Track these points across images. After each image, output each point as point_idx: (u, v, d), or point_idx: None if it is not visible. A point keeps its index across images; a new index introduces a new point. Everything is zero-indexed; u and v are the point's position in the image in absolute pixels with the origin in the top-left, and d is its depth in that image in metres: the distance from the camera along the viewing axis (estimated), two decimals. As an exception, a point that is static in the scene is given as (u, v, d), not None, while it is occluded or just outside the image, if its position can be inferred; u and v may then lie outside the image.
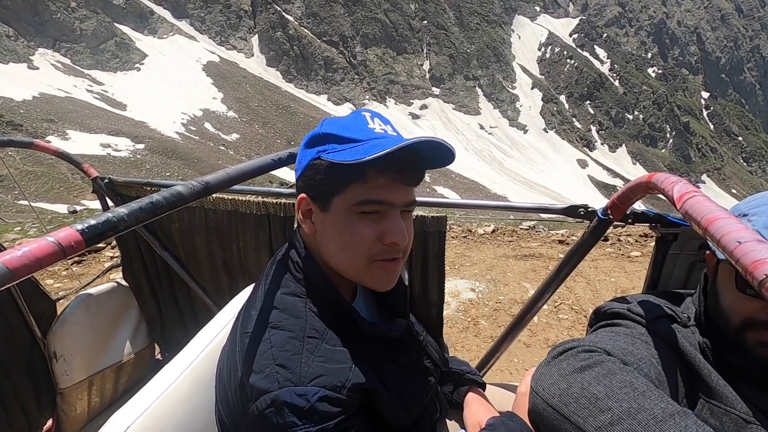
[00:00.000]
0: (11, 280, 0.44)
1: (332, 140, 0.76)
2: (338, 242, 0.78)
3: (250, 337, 0.77)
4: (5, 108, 38.72)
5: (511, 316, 3.98)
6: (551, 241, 5.23)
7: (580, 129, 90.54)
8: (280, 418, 0.69)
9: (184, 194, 0.63)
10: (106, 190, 1.47)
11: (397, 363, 0.89)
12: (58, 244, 0.47)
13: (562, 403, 0.63)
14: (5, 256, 0.44)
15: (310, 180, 0.78)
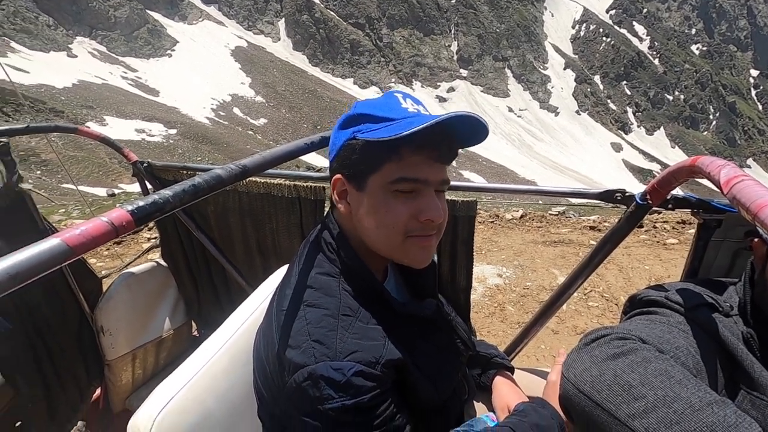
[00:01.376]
0: (71, 257, 0.47)
1: (367, 120, 0.77)
2: (374, 220, 0.79)
3: (286, 314, 0.80)
4: (48, 95, 40.58)
5: (539, 303, 3.94)
6: (582, 227, 5.09)
7: (615, 111, 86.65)
8: (317, 391, 0.71)
9: (223, 177, 0.65)
10: (146, 174, 1.54)
11: (427, 342, 0.90)
12: (111, 223, 0.50)
13: (594, 390, 0.63)
14: (65, 235, 0.47)
15: (345, 160, 0.79)
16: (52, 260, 0.45)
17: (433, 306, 0.96)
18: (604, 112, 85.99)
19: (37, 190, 1.29)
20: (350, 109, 0.82)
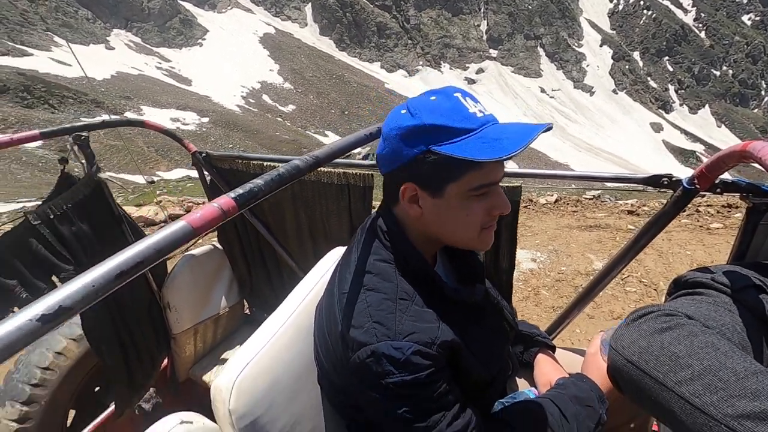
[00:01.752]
0: (194, 236, 0.56)
1: (441, 132, 0.79)
2: (455, 223, 0.85)
3: (348, 297, 0.88)
4: (88, 87, 42.45)
5: (574, 287, 3.92)
6: (619, 211, 4.97)
7: (655, 89, 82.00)
8: (379, 367, 0.80)
9: (301, 167, 0.73)
10: (204, 163, 1.66)
11: (477, 325, 0.97)
12: (220, 209, 0.59)
13: (642, 360, 0.67)
14: (190, 218, 0.56)
15: (418, 170, 0.82)
16: (183, 238, 0.54)
17: (482, 291, 1.03)
18: (643, 90, 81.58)
19: (114, 179, 1.42)
20: (408, 116, 0.82)
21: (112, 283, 0.46)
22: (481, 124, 0.81)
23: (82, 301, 0.43)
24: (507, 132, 0.79)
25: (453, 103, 0.82)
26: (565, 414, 0.96)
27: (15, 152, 25.48)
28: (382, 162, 0.89)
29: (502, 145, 0.75)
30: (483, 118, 0.82)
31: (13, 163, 24.05)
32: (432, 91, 0.86)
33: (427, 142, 0.80)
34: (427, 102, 0.82)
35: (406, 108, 0.84)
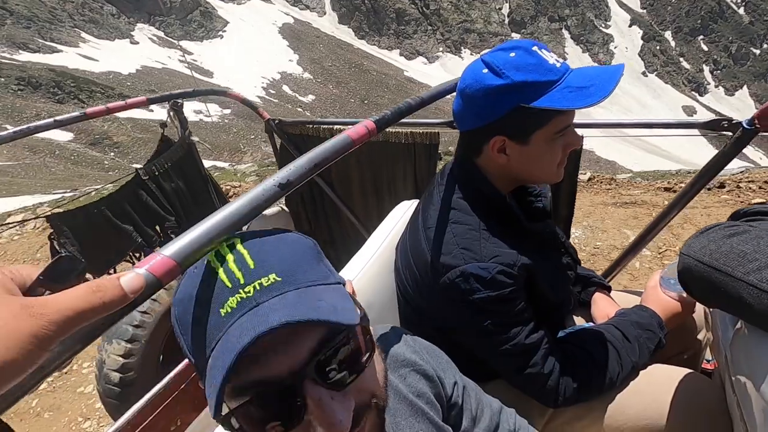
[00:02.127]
0: (352, 147, 0.70)
1: (530, 87, 0.86)
2: (539, 164, 0.97)
3: (435, 230, 1.01)
4: (116, 81, 43.69)
5: (611, 261, 3.94)
6: (656, 188, 4.93)
7: (688, 70, 78.51)
8: (467, 285, 0.93)
9: (412, 104, 0.86)
10: (277, 130, 1.81)
11: (546, 256, 1.09)
12: (349, 137, 0.73)
13: (713, 259, 0.78)
14: (349, 131, 0.70)
15: (507, 124, 0.91)
16: (345, 147, 0.68)
17: (552, 227, 1.15)
18: (675, 72, 78.23)
19: (203, 142, 1.59)
20: (495, 76, 0.86)
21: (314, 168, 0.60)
22: (562, 73, 0.91)
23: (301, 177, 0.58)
24: (589, 78, 0.90)
25: (536, 58, 0.88)
26: (627, 336, 1.08)
27: (49, 146, 26.61)
28: (465, 120, 0.97)
29: (590, 93, 0.85)
30: (562, 67, 0.93)
31: (47, 157, 25.12)
32: (508, 46, 0.91)
33: (518, 98, 0.87)
34: (510, 59, 0.87)
35: (487, 67, 0.90)
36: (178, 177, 1.56)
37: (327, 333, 0.45)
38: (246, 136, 35.69)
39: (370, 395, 0.49)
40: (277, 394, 0.43)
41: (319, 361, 0.43)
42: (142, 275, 0.39)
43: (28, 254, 4.88)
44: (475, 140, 0.98)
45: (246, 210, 0.49)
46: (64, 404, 2.84)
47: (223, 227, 0.46)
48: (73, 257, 0.38)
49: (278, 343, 0.43)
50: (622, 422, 1.05)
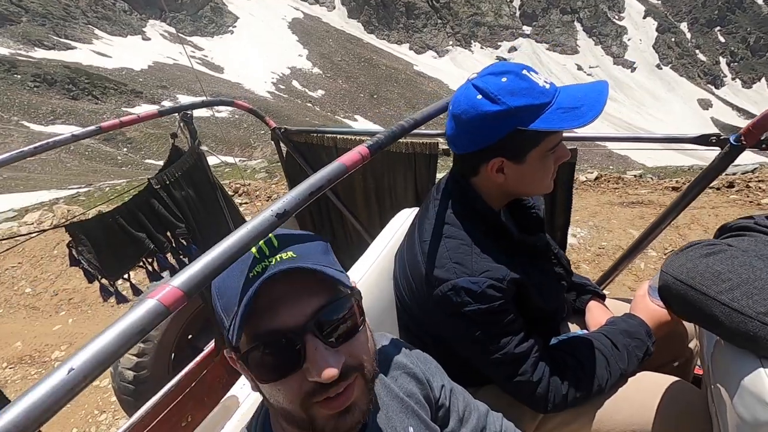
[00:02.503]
0: (344, 174, 0.75)
1: (526, 111, 0.90)
2: (533, 179, 1.01)
3: (429, 244, 1.06)
4: (129, 77, 44.23)
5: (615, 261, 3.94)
6: (664, 188, 4.90)
7: (704, 62, 76.68)
8: (459, 298, 0.98)
9: (396, 133, 0.90)
10: (282, 138, 1.87)
11: (538, 268, 1.13)
12: (360, 154, 0.78)
13: (689, 278, 0.81)
14: (343, 159, 0.75)
15: (505, 147, 0.95)
16: (339, 174, 0.73)
17: (544, 239, 1.19)
18: (690, 64, 76.49)
19: (211, 152, 1.65)
20: (491, 102, 0.89)
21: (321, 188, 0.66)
22: (553, 95, 0.95)
23: (297, 205, 0.64)
24: (578, 98, 0.93)
25: (527, 81, 0.92)
26: (616, 344, 1.12)
27: (65, 141, 27.03)
28: (461, 143, 1.00)
29: (582, 112, 0.89)
30: (551, 88, 0.97)
31: (63, 152, 25.59)
32: (497, 71, 0.94)
33: (515, 122, 0.91)
34: (503, 85, 0.91)
35: (481, 93, 0.92)
36: (188, 185, 1.63)
37: (329, 298, 0.56)
38: (256, 132, 35.91)
39: (359, 361, 0.57)
40: (282, 343, 0.53)
41: (320, 319, 0.54)
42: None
43: (46, 251, 5.03)
44: (472, 162, 1.02)
45: (245, 241, 0.54)
46: (81, 397, 2.95)
47: (224, 258, 0.52)
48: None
49: (288, 298, 0.53)
50: (610, 427, 1.09)
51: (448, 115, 1.00)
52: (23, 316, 4.11)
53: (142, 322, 0.44)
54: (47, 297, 4.32)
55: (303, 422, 0.56)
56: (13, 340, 3.75)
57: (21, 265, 4.90)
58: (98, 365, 0.40)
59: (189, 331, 2.17)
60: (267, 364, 0.54)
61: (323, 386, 0.53)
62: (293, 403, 0.54)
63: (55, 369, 0.39)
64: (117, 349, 0.42)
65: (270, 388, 0.55)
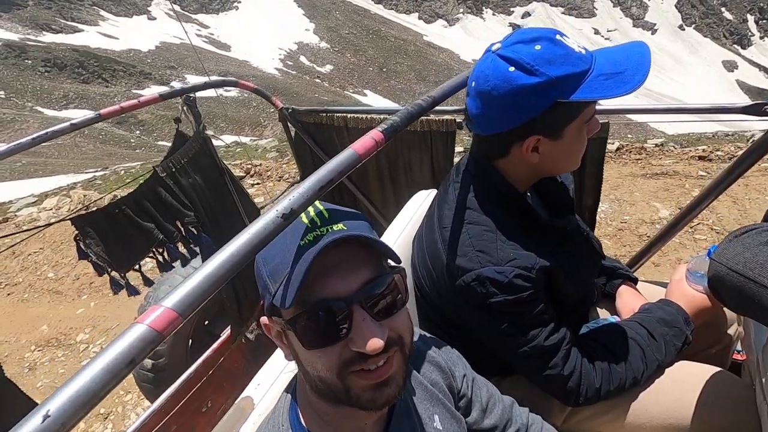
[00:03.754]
0: (359, 162, 0.67)
1: (566, 81, 0.80)
2: (568, 156, 0.93)
3: (450, 231, 0.98)
4: (137, 59, 44.10)
5: (638, 236, 3.83)
6: (689, 157, 4.68)
7: (731, 21, 72.63)
8: (484, 289, 0.91)
9: (423, 106, 0.81)
10: (290, 118, 1.79)
11: (568, 252, 1.05)
12: (374, 139, 0.70)
13: (747, 269, 0.73)
14: (356, 146, 0.67)
15: (543, 122, 0.85)
16: (352, 163, 0.65)
17: (575, 222, 1.10)
18: (716, 23, 72.55)
19: (217, 136, 1.58)
20: (527, 74, 0.80)
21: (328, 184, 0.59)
22: (590, 60, 0.84)
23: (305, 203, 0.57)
24: (620, 62, 0.83)
25: (562, 47, 0.82)
26: (652, 334, 1.04)
27: (79, 126, 27.34)
28: (491, 124, 0.89)
29: (626, 78, 0.79)
30: (587, 54, 0.86)
31: (78, 136, 25.90)
32: (527, 38, 0.84)
33: (554, 94, 0.81)
34: (537, 53, 0.81)
35: (513, 64, 0.82)
36: (195, 172, 1.58)
37: (377, 272, 0.57)
38: (266, 110, 35.71)
39: (399, 336, 0.58)
40: (331, 312, 0.54)
41: (368, 292, 0.55)
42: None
43: (66, 236, 5.11)
44: (502, 142, 0.92)
45: (247, 249, 0.48)
46: (107, 379, 3.03)
47: (223, 271, 0.45)
48: None
49: (339, 268, 0.55)
50: (645, 421, 1.04)
51: (470, 93, 0.89)
52: (47, 300, 4.21)
53: (131, 352, 0.38)
54: (69, 281, 4.41)
55: (338, 392, 0.56)
56: (39, 323, 3.85)
57: (43, 251, 5.00)
58: (79, 408, 0.34)
59: (205, 317, 2.17)
60: (313, 330, 0.54)
61: (363, 357, 0.54)
62: (331, 371, 0.55)
63: (31, 414, 0.33)
64: (102, 388, 0.36)
65: (310, 355, 0.56)
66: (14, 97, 31.51)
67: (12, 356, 3.50)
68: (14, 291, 4.44)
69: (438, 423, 0.73)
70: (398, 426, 0.68)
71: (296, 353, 0.59)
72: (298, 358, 0.59)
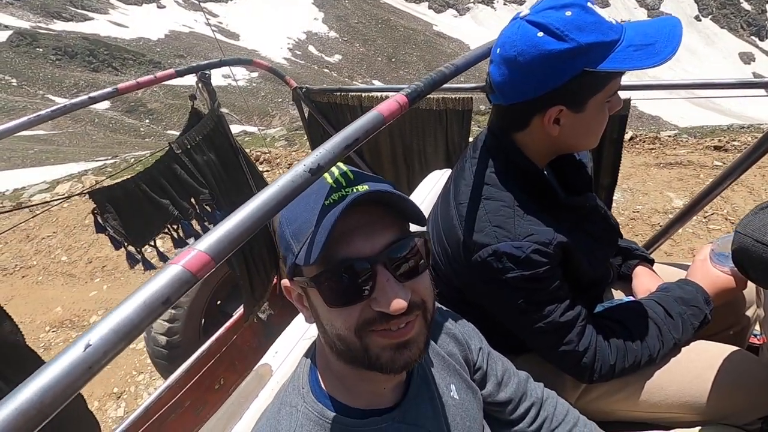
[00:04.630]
0: (383, 124, 0.67)
1: (596, 49, 0.78)
2: (588, 132, 0.91)
3: (467, 206, 0.97)
4: (146, 48, 44.18)
5: (651, 226, 3.79)
6: (704, 147, 4.59)
7: (749, 11, 70.76)
8: (500, 264, 0.90)
9: (446, 73, 0.80)
10: (303, 98, 1.78)
11: (584, 230, 1.03)
12: (398, 102, 0.69)
13: None
14: (381, 107, 0.66)
15: (568, 92, 0.82)
16: (377, 124, 0.65)
17: (593, 199, 1.09)
18: (733, 14, 70.73)
19: (231, 114, 1.58)
20: (556, 40, 0.77)
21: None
22: (621, 30, 0.82)
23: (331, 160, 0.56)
24: (650, 34, 0.80)
25: (593, 15, 0.79)
26: (669, 312, 1.03)
27: (89, 114, 27.60)
28: (515, 92, 0.86)
29: (656, 50, 0.77)
30: (618, 24, 0.84)
31: (88, 125, 26.12)
32: (558, 4, 0.81)
33: (583, 62, 0.78)
34: (568, 19, 0.78)
35: (542, 30, 0.80)
36: (210, 150, 1.58)
37: (401, 233, 0.58)
38: (274, 100, 35.69)
39: (422, 300, 0.58)
40: (355, 271, 0.53)
41: (391, 253, 0.55)
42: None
43: (78, 221, 5.18)
44: (524, 113, 0.89)
45: (275, 200, 0.48)
46: (120, 359, 3.09)
47: (253, 220, 0.45)
48: None
49: (364, 227, 0.55)
50: (661, 398, 1.03)
51: (494, 60, 0.87)
52: (61, 283, 4.29)
53: (167, 290, 0.38)
54: (82, 264, 4.48)
55: (357, 351, 0.56)
56: (54, 305, 3.93)
57: (56, 235, 5.07)
58: (119, 340, 0.34)
59: (217, 297, 2.19)
60: (337, 289, 0.54)
61: (384, 317, 0.54)
62: (350, 329, 0.55)
63: (72, 344, 0.34)
64: (139, 322, 0.36)
65: (331, 314, 0.56)
66: (26, 85, 31.81)
67: (28, 336, 3.54)
68: (29, 273, 4.52)
69: (455, 393, 0.74)
70: (416, 393, 0.68)
71: (317, 313, 0.59)
72: (319, 318, 0.59)
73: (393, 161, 1.76)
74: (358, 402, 0.63)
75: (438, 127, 1.53)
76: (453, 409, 0.72)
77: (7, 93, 30.01)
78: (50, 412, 0.31)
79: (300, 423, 0.60)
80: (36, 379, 0.31)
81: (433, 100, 1.49)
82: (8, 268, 4.61)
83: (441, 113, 1.50)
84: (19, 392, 0.30)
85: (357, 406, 0.63)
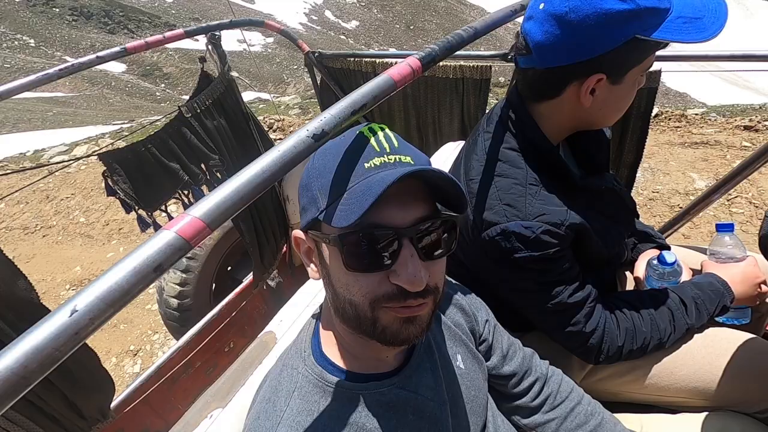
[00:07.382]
0: (394, 89, 0.63)
1: (650, 15, 0.72)
2: (617, 105, 0.85)
3: (479, 183, 0.93)
4: (161, 9, 43.49)
5: (670, 207, 3.67)
6: (734, 127, 4.38)
7: (795, -19, 65.86)
8: (508, 244, 0.87)
9: (464, 36, 0.75)
10: (317, 63, 1.72)
11: (599, 211, 0.99)
12: (410, 65, 0.65)
13: None
14: (392, 72, 0.62)
15: (614, 59, 0.76)
16: (388, 89, 0.61)
17: (610, 180, 1.04)
18: (777, -16, 65.98)
19: (242, 78, 1.54)
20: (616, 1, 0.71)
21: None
22: (670, 1, 0.76)
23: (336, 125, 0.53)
24: (698, 7, 0.75)
25: None
26: (683, 298, 1.00)
27: (105, 78, 27.61)
28: (557, 54, 0.78)
29: (704, 24, 0.72)
30: None
31: (105, 88, 26.18)
32: None
33: (637, 28, 0.72)
34: None
35: None
36: (220, 114, 1.55)
37: (434, 212, 0.57)
38: (289, 67, 35.10)
39: (436, 285, 0.57)
40: (382, 239, 0.52)
41: (421, 229, 0.54)
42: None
43: (95, 183, 5.27)
44: (560, 80, 0.82)
45: (276, 166, 0.45)
46: (136, 318, 3.20)
47: (252, 186, 0.43)
48: None
49: (399, 198, 0.53)
50: (669, 383, 1.02)
51: (535, 16, 0.78)
52: (80, 243, 4.41)
53: (159, 257, 0.37)
54: (99, 226, 4.58)
55: (365, 320, 0.55)
56: (73, 264, 4.05)
57: (74, 196, 5.17)
58: (106, 307, 0.33)
59: (228, 263, 2.22)
60: (359, 253, 0.53)
61: (400, 294, 0.53)
62: (365, 297, 0.54)
63: (57, 309, 0.32)
64: (129, 288, 0.35)
65: (348, 277, 0.55)
66: (43, 46, 31.82)
67: (48, 293, 3.71)
68: (49, 233, 4.65)
69: (460, 362, 0.74)
70: (419, 362, 0.68)
71: (330, 273, 0.57)
72: (331, 279, 0.58)
73: (406, 131, 1.71)
74: (359, 366, 0.63)
75: (454, 96, 1.47)
76: (459, 379, 0.72)
77: (26, 53, 30.11)
78: (35, 378, 0.30)
79: (299, 384, 0.60)
80: (20, 344, 0.30)
81: (450, 68, 1.43)
82: (30, 227, 4.75)
83: (458, 82, 1.43)
84: (3, 356, 0.29)
85: (358, 370, 0.63)
